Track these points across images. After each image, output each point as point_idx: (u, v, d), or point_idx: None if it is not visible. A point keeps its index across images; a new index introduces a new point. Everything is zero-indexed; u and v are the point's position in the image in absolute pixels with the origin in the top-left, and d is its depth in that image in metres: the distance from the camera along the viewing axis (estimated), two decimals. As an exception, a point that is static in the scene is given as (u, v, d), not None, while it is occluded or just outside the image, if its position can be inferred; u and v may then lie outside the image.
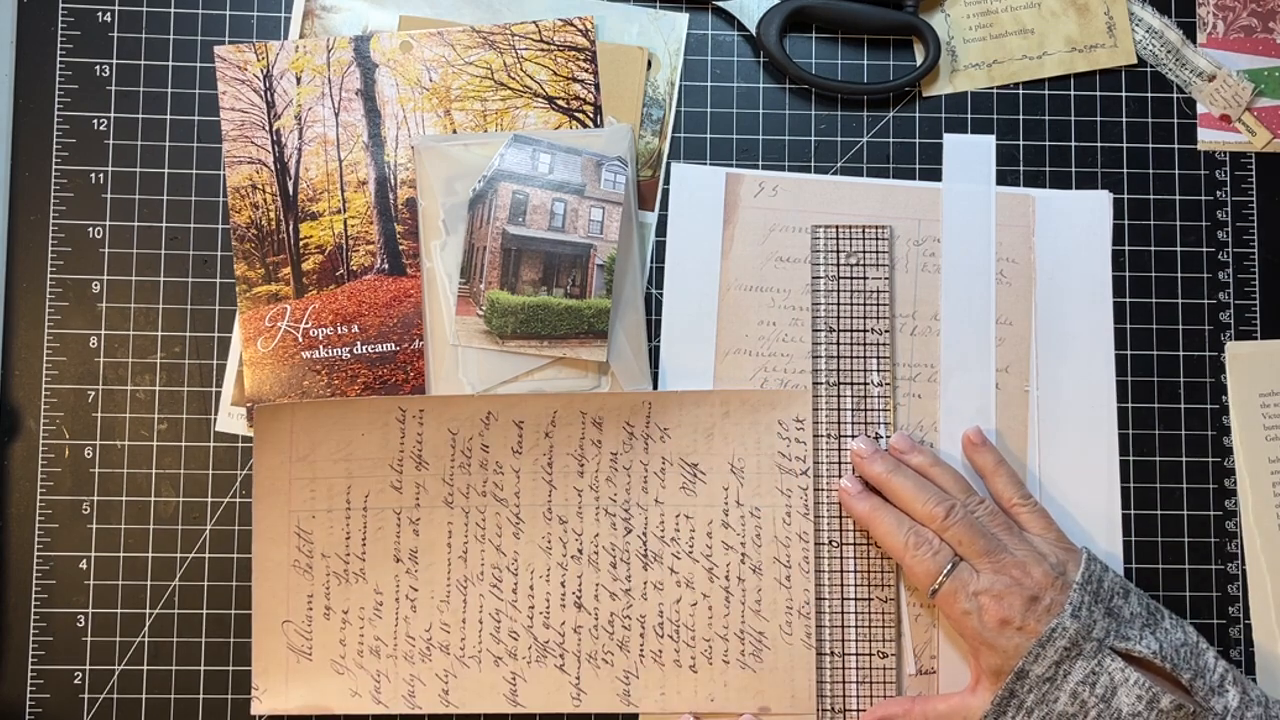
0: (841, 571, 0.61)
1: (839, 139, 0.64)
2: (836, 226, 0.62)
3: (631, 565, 0.59)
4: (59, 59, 0.62)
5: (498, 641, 0.59)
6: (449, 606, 0.59)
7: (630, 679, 0.59)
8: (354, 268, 0.62)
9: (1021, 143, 0.64)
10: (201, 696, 0.60)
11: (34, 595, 0.60)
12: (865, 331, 0.62)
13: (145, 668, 0.60)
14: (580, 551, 0.59)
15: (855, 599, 0.61)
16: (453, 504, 0.59)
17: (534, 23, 0.62)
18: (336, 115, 0.62)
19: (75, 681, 0.60)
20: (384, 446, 0.59)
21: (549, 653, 0.59)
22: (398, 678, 0.59)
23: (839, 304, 0.62)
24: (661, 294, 0.62)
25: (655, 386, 0.61)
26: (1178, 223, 0.64)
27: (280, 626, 0.59)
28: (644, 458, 0.60)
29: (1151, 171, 0.64)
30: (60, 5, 0.62)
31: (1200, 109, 0.64)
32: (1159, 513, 0.62)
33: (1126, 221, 0.64)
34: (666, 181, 0.63)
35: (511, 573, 0.59)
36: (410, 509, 0.59)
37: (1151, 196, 0.64)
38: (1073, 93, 0.64)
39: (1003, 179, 0.64)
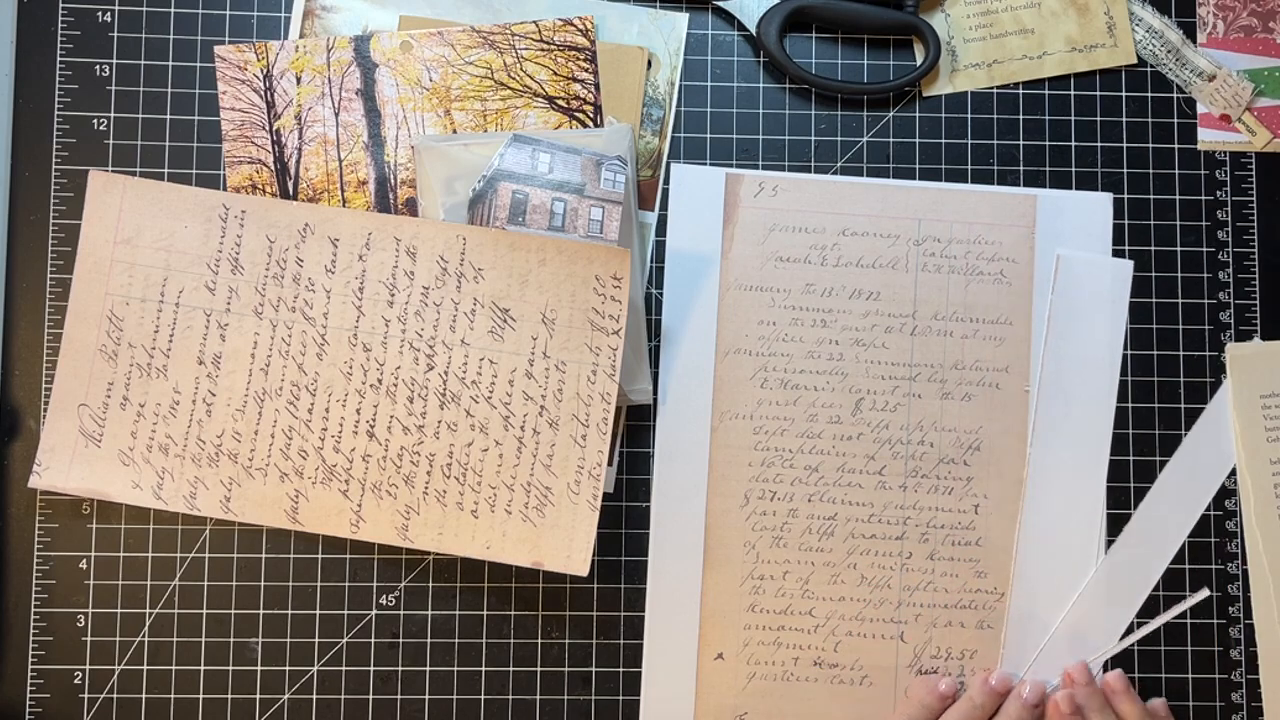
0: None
1: (839, 139, 0.64)
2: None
3: (429, 402, 0.59)
4: (59, 59, 0.62)
5: (286, 458, 0.59)
6: (243, 416, 0.59)
7: (411, 514, 0.59)
8: (354, 268, 0.62)
9: (1021, 143, 0.64)
10: (201, 696, 0.60)
11: (34, 595, 0.60)
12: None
13: (145, 668, 0.60)
14: (380, 381, 0.59)
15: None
16: (262, 315, 0.59)
17: (534, 22, 0.62)
18: (336, 115, 0.62)
19: (75, 681, 0.60)
20: (204, 243, 0.59)
21: (334, 476, 0.59)
22: (182, 478, 0.59)
23: None
24: (661, 294, 0.62)
25: (655, 387, 0.61)
26: (1178, 223, 0.64)
27: (76, 409, 0.59)
28: (455, 296, 0.59)
29: (1151, 171, 0.64)
30: (60, 5, 0.62)
31: (1200, 109, 0.64)
32: (1159, 513, 0.62)
33: (1126, 221, 0.64)
34: (666, 181, 0.63)
35: (309, 392, 0.59)
36: (220, 313, 0.59)
37: (1151, 196, 0.64)
38: (1073, 93, 0.64)
39: (1003, 179, 0.64)
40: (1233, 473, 0.63)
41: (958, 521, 0.62)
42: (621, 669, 0.61)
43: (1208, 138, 0.64)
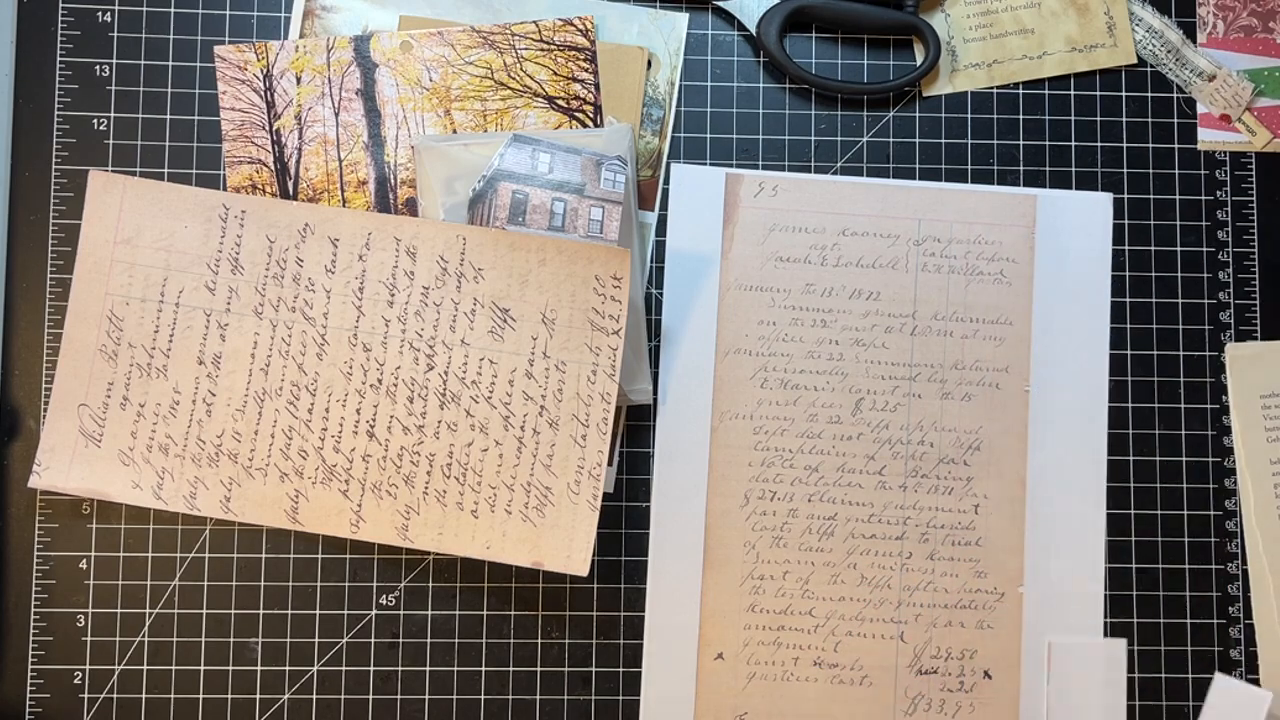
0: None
1: (839, 139, 0.64)
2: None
3: (429, 402, 0.59)
4: (59, 59, 0.62)
5: (286, 458, 0.59)
6: (244, 416, 0.59)
7: (411, 514, 0.59)
8: (354, 268, 0.62)
9: (1021, 143, 0.64)
10: (201, 696, 0.60)
11: (34, 595, 0.60)
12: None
13: (145, 668, 0.60)
14: (380, 381, 0.59)
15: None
16: (262, 315, 0.59)
17: (534, 23, 0.62)
18: (336, 115, 0.62)
19: (75, 681, 0.60)
20: (204, 243, 0.59)
21: (334, 476, 0.59)
22: (182, 478, 0.59)
23: None
24: (661, 294, 0.62)
25: (656, 386, 0.61)
26: (1178, 223, 0.64)
27: (76, 409, 0.59)
28: (455, 296, 0.59)
29: (1151, 171, 0.64)
30: (60, 5, 0.62)
31: (1200, 109, 0.64)
32: (1159, 513, 0.62)
33: (1126, 221, 0.64)
34: (666, 181, 0.63)
35: (309, 392, 0.59)
36: (220, 313, 0.59)
37: (1151, 196, 0.64)
38: (1073, 93, 0.64)
39: (1003, 179, 0.64)
40: (1232, 473, 0.63)
41: (958, 521, 0.62)
42: (621, 669, 0.61)
43: (1208, 138, 0.64)
